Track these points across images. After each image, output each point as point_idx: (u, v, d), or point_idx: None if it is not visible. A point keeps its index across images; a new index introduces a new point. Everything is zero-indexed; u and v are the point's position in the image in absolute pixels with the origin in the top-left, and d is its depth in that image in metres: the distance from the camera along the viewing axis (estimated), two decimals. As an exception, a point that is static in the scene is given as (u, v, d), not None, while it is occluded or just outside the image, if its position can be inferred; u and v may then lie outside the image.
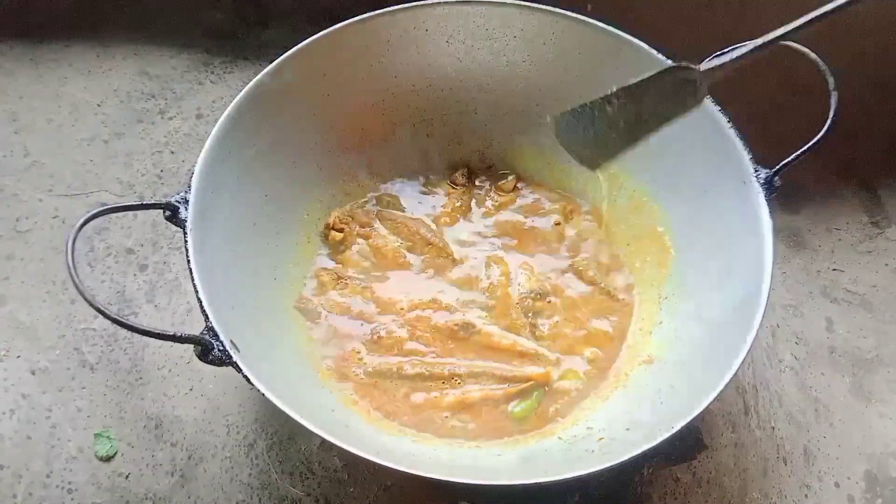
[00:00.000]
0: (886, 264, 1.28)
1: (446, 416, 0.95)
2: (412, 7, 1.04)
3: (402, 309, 1.04)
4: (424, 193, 1.16)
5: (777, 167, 0.90)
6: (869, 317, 1.21)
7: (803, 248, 1.29)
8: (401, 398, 0.97)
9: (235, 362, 0.76)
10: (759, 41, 0.94)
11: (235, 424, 1.00)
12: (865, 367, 1.16)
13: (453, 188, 1.16)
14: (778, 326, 1.17)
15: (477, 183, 1.18)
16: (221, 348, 0.77)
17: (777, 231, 1.25)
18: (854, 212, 1.34)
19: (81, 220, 0.77)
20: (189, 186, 0.86)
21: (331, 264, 1.08)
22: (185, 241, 0.83)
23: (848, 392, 1.13)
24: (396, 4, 1.07)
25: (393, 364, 0.99)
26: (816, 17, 0.80)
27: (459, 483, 0.73)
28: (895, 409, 1.12)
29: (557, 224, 1.14)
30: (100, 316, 1.03)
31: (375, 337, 1.01)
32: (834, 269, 1.27)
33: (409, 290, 1.06)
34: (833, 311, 1.22)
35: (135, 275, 1.12)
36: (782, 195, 1.29)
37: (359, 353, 1.00)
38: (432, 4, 1.05)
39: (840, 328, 1.20)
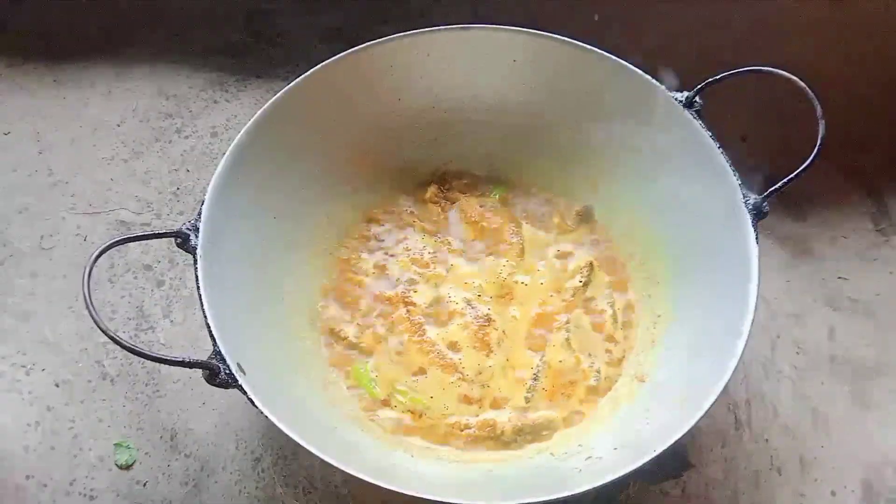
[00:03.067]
0: (891, 272, 1.27)
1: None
2: (415, 34, 1.07)
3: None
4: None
5: (765, 194, 0.92)
6: (871, 325, 1.21)
7: (809, 255, 1.29)
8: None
9: (241, 385, 0.80)
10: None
11: (244, 439, 1.05)
12: (866, 376, 1.16)
13: (435, 203, 1.20)
14: (779, 337, 1.18)
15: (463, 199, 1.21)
16: (228, 372, 0.80)
17: (783, 239, 1.29)
18: (860, 219, 1.34)
19: (96, 253, 0.81)
20: (199, 214, 0.90)
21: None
22: (195, 269, 0.86)
23: (847, 401, 1.14)
24: (402, 24, 1.09)
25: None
26: None
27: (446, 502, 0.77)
28: (894, 418, 1.12)
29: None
30: (120, 329, 1.09)
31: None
32: (839, 278, 1.27)
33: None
34: (836, 319, 1.22)
35: (152, 290, 1.17)
36: (789, 202, 1.31)
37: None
38: (434, 31, 1.07)
39: (842, 337, 1.20)
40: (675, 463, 1.05)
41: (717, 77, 0.99)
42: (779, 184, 0.92)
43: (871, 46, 1.35)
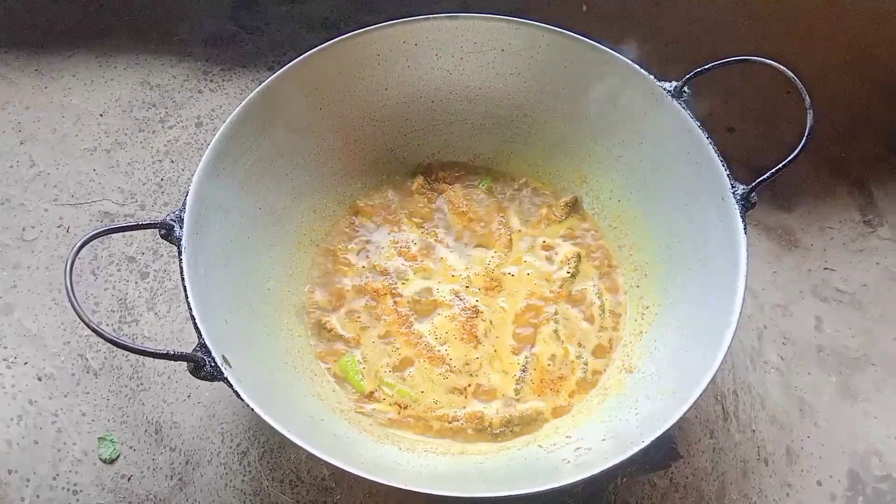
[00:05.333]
0: (877, 263, 1.28)
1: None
2: (402, 22, 1.07)
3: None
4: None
5: (753, 185, 0.92)
6: (858, 316, 1.22)
7: (795, 246, 1.30)
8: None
9: (226, 378, 0.79)
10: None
11: (230, 432, 1.04)
12: (852, 366, 1.17)
13: (422, 194, 1.19)
14: (765, 328, 1.19)
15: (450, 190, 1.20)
16: (213, 364, 0.79)
17: (770, 230, 1.29)
18: (847, 210, 1.34)
19: (78, 244, 0.80)
20: (184, 205, 0.89)
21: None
22: (180, 260, 0.86)
23: (834, 391, 1.15)
24: (389, 12, 1.09)
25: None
26: None
27: (434, 495, 0.77)
28: (880, 408, 1.13)
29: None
30: (103, 322, 1.08)
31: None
32: (825, 268, 1.28)
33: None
34: (823, 310, 1.23)
35: (136, 283, 1.16)
36: (776, 193, 1.32)
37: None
38: (421, 19, 1.07)
39: (829, 327, 1.21)
40: (663, 454, 1.05)
41: (706, 66, 0.99)
42: (767, 174, 0.92)
43: (859, 38, 1.36)
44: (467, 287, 1.09)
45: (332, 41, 1.04)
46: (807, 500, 1.06)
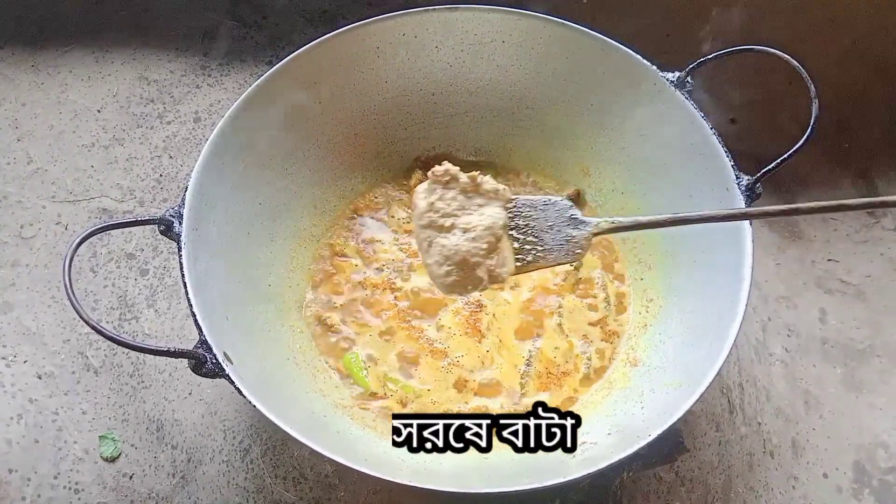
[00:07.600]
0: (882, 254, 1.28)
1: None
2: (401, 14, 1.06)
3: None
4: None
5: (758, 175, 0.91)
6: (862, 307, 1.22)
7: (799, 238, 1.30)
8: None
9: (228, 374, 0.78)
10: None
11: (232, 430, 1.04)
12: (857, 358, 1.17)
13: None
14: (769, 320, 1.19)
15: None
16: (214, 361, 0.79)
17: (773, 221, 1.28)
18: (850, 201, 1.34)
19: (76, 241, 0.79)
20: (183, 201, 0.88)
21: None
22: (180, 256, 0.85)
23: (839, 383, 1.15)
24: (388, 5, 1.08)
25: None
26: None
27: (439, 491, 0.76)
28: (886, 400, 1.13)
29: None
30: (103, 319, 1.07)
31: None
32: (829, 260, 1.27)
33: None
34: (827, 301, 1.23)
35: (136, 279, 1.15)
36: (779, 184, 1.31)
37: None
38: (421, 11, 1.06)
39: (833, 319, 1.21)
40: (669, 447, 1.04)
41: (710, 56, 0.98)
42: (773, 163, 0.91)
43: (861, 27, 1.35)
44: None
45: (331, 34, 1.03)
46: (813, 492, 1.06)
